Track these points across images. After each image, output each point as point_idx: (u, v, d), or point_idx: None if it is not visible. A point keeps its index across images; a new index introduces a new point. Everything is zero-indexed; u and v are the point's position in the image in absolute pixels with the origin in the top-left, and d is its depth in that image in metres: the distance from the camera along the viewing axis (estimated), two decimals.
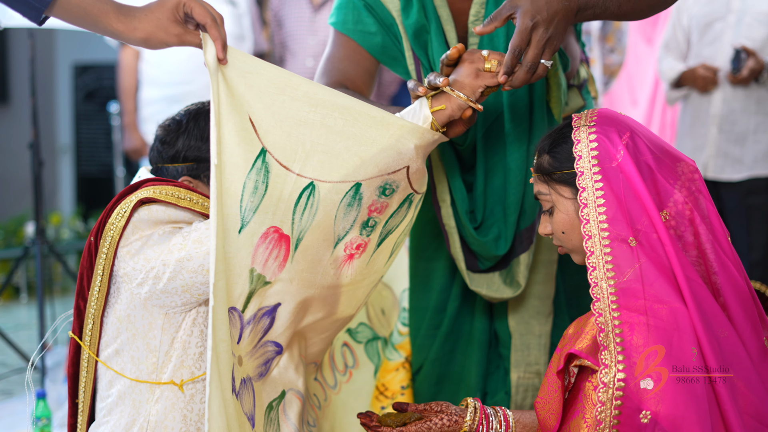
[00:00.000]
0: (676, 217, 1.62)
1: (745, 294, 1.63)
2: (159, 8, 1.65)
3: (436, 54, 2.12)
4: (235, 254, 1.66)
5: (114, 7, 1.64)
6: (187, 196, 1.79)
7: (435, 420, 1.79)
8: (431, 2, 2.14)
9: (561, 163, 1.70)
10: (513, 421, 1.80)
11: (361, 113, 1.71)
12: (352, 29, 2.19)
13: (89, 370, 1.82)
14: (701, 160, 4.18)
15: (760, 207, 4.12)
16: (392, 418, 1.81)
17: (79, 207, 7.97)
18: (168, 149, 1.92)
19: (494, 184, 2.17)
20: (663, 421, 1.48)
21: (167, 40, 1.66)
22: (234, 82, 1.63)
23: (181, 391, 1.77)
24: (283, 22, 4.97)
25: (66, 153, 8.17)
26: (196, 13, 1.64)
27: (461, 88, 1.77)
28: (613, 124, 1.67)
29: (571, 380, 1.65)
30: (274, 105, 1.66)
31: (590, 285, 1.58)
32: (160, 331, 1.77)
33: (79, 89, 8.21)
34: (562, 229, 1.71)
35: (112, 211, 1.78)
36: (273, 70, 1.67)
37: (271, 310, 1.77)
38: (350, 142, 1.71)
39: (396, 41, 2.19)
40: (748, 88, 4.07)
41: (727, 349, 1.54)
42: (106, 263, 1.77)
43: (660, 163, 1.64)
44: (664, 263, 1.56)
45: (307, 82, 1.69)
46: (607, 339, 1.54)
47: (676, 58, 4.36)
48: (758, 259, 4.11)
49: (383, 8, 2.17)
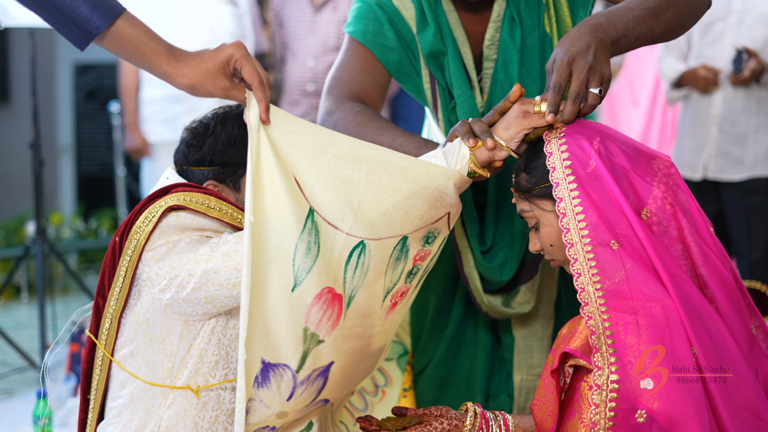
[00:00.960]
0: (657, 213, 1.64)
1: (731, 284, 1.64)
2: (210, 59, 1.65)
3: (453, 76, 2.11)
4: (288, 312, 1.65)
5: (166, 48, 1.65)
6: (217, 205, 1.79)
7: (435, 424, 1.79)
8: (447, 24, 2.13)
9: (538, 178, 1.71)
10: (513, 426, 1.80)
11: (405, 168, 1.71)
12: (372, 41, 2.16)
13: (103, 368, 1.82)
14: (702, 160, 4.19)
15: (761, 207, 4.13)
16: (392, 422, 1.81)
17: (79, 206, 7.97)
18: (194, 152, 1.92)
19: (505, 208, 2.17)
20: (660, 419, 1.49)
21: (213, 91, 1.66)
22: (277, 142, 1.65)
23: (197, 396, 1.76)
24: (284, 22, 4.97)
25: (67, 152, 8.17)
26: (245, 71, 1.65)
27: (507, 128, 1.74)
28: (582, 132, 1.68)
29: (566, 380, 1.65)
30: (318, 164, 1.66)
31: (577, 291, 1.59)
32: (178, 337, 1.76)
33: (79, 89, 8.21)
34: (550, 242, 1.72)
35: (140, 213, 1.77)
36: (315, 129, 1.68)
37: (324, 369, 1.76)
38: (396, 198, 1.70)
39: (413, 58, 2.17)
40: (748, 89, 4.08)
41: (719, 342, 1.56)
42: (130, 265, 1.76)
43: (635, 163, 1.66)
44: (648, 263, 1.57)
45: (350, 140, 1.69)
46: (599, 341, 1.55)
47: (677, 58, 4.36)
48: (759, 258, 4.11)
49: (404, 23, 2.16)
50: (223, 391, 1.80)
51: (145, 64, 1.65)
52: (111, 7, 1.61)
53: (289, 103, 5.00)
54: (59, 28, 1.61)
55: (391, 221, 1.71)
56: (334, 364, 1.78)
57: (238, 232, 1.75)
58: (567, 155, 1.66)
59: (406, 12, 2.15)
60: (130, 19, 1.63)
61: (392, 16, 2.15)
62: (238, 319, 1.78)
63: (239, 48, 1.66)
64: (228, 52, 1.65)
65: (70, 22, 1.59)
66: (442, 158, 1.75)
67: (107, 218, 7.53)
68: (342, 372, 1.81)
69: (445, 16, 2.13)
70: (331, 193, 1.66)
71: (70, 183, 8.23)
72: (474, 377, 2.31)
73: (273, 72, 5.23)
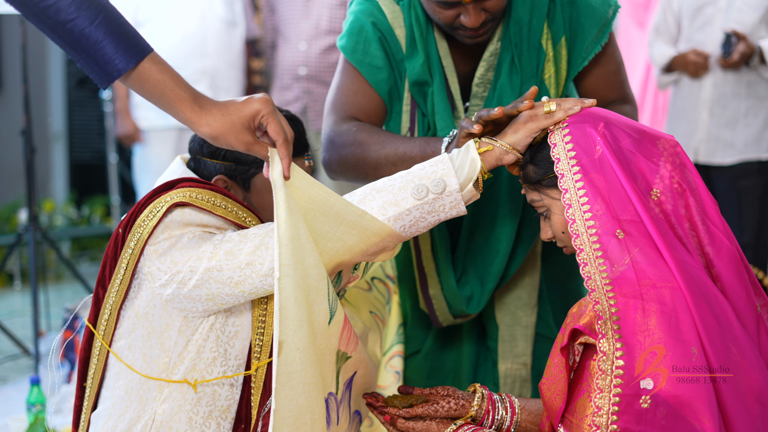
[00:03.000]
0: (666, 192, 1.63)
1: (737, 261, 1.64)
2: (236, 112, 1.62)
3: (438, 107, 2.10)
4: (326, 343, 1.72)
5: (191, 95, 1.62)
6: (223, 203, 1.78)
7: (442, 403, 1.81)
8: (436, 53, 2.12)
9: (545, 169, 1.72)
10: (518, 408, 1.82)
11: (372, 234, 1.74)
12: (360, 60, 2.15)
13: (100, 358, 1.81)
14: (692, 144, 4.20)
15: (751, 190, 4.15)
16: (399, 399, 1.83)
17: (72, 194, 7.95)
18: (210, 144, 1.89)
19: (476, 245, 2.17)
20: (669, 398, 1.49)
21: (234, 144, 1.64)
22: (295, 193, 1.68)
23: (194, 390, 1.76)
24: (276, 7, 4.96)
25: (59, 140, 8.14)
26: (270, 128, 1.64)
27: (516, 131, 1.75)
28: (585, 119, 1.69)
29: (576, 359, 1.66)
30: (306, 218, 1.71)
31: (584, 279, 1.59)
32: (177, 332, 1.76)
33: (71, 75, 8.17)
34: (561, 230, 1.72)
35: (145, 207, 1.76)
36: (317, 188, 1.71)
37: (349, 381, 1.86)
38: (353, 252, 1.77)
39: (399, 78, 2.16)
40: (738, 73, 4.09)
41: (725, 326, 1.55)
42: (131, 258, 1.75)
43: (640, 145, 1.66)
44: (654, 248, 1.57)
45: (341, 202, 1.72)
46: (605, 326, 1.54)
47: (667, 42, 4.37)
48: (749, 241, 4.13)
49: (396, 42, 2.14)
50: (220, 388, 1.79)
51: (169, 108, 1.63)
52: (136, 48, 1.57)
53: (281, 88, 4.98)
54: (81, 64, 1.57)
55: (339, 267, 1.80)
56: (356, 373, 1.88)
57: (241, 230, 1.75)
58: (571, 146, 1.66)
59: (399, 30, 2.13)
60: (157, 62, 1.60)
61: (385, 35, 2.13)
62: (237, 316, 1.79)
63: (267, 104, 1.64)
64: (255, 107, 1.63)
65: (93, 62, 1.56)
66: (449, 162, 1.75)
67: (100, 205, 7.52)
68: (362, 380, 1.92)
69: (435, 45, 2.11)
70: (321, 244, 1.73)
71: (62, 170, 8.21)
72: (461, 367, 2.32)
73: (263, 58, 5.22)
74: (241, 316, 1.79)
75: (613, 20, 2.12)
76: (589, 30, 2.07)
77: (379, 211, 1.73)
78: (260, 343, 1.79)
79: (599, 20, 2.08)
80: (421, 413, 1.80)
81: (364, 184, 1.80)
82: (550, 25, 2.08)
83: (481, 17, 1.95)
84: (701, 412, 1.49)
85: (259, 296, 1.75)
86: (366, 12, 2.16)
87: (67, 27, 1.53)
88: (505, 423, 1.82)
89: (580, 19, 2.08)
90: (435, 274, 2.18)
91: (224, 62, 4.95)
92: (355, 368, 1.87)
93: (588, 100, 1.73)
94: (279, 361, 1.61)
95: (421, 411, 1.80)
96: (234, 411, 1.81)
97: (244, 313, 1.79)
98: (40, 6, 1.53)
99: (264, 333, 1.79)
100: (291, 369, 1.63)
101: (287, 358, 1.62)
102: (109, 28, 1.55)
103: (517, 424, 1.82)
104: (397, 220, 1.73)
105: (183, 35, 4.81)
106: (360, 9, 2.18)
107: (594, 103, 1.73)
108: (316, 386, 1.68)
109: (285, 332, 1.62)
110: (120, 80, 1.58)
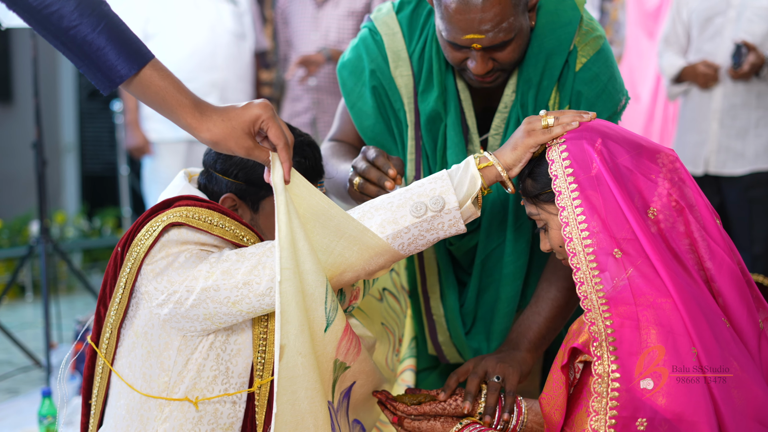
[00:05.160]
0: (663, 210, 1.62)
1: (738, 277, 1.63)
2: (237, 117, 1.63)
3: (450, 141, 2.07)
4: (322, 351, 1.71)
5: (192, 102, 1.63)
6: (221, 222, 1.77)
7: (449, 401, 1.84)
8: (453, 87, 2.09)
9: (543, 184, 1.71)
10: (525, 408, 1.83)
11: (371, 248, 1.74)
12: (353, 103, 2.18)
13: (103, 376, 1.82)
14: (703, 155, 4.19)
15: (762, 200, 4.13)
16: (408, 397, 1.87)
17: (83, 205, 7.98)
18: (223, 161, 1.89)
19: (488, 294, 2.18)
20: (666, 414, 1.48)
21: (234, 149, 1.65)
22: (295, 201, 1.69)
23: (196, 409, 1.76)
24: (289, 20, 4.99)
25: (70, 152, 8.17)
26: (271, 133, 1.65)
27: (514, 149, 1.74)
28: (583, 134, 1.67)
29: (576, 376, 1.65)
30: (306, 227, 1.70)
31: (580, 299, 1.58)
32: (176, 351, 1.75)
33: (82, 88, 8.20)
34: (559, 244, 1.72)
35: (142, 226, 1.77)
36: (317, 198, 1.71)
37: (347, 390, 1.86)
38: (355, 269, 1.76)
39: (396, 126, 2.15)
40: (748, 83, 4.08)
41: (724, 346, 1.54)
42: (129, 277, 1.75)
43: (638, 162, 1.65)
44: (651, 267, 1.56)
45: (341, 215, 1.72)
46: (601, 348, 1.53)
47: (676, 52, 4.36)
48: (760, 252, 4.12)
49: (395, 91, 2.13)
50: (221, 406, 1.78)
51: (170, 114, 1.63)
52: (138, 54, 1.58)
53: (292, 99, 5.01)
54: (84, 71, 1.58)
55: (339, 285, 1.80)
56: (355, 383, 1.88)
57: (238, 249, 1.75)
58: (569, 162, 1.65)
59: (400, 80, 2.12)
60: (159, 68, 1.61)
61: (384, 83, 2.13)
62: (239, 334, 1.78)
63: (267, 108, 1.65)
64: (255, 112, 1.64)
65: (95, 68, 1.57)
66: (448, 180, 1.74)
67: (111, 217, 7.55)
68: (362, 390, 1.92)
69: (454, 78, 2.09)
70: (314, 255, 1.71)
71: (73, 182, 8.24)
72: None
73: (275, 70, 5.23)
74: (242, 334, 1.78)
75: (624, 108, 2.09)
76: (599, 114, 2.00)
77: (378, 228, 1.72)
78: (262, 361, 1.78)
79: (611, 107, 2.05)
80: (428, 411, 1.84)
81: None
82: (560, 89, 2.05)
83: (488, 66, 1.93)
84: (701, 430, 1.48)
85: (257, 315, 1.74)
86: (369, 52, 2.15)
87: (70, 34, 1.55)
88: (511, 423, 1.83)
89: (593, 99, 2.03)
90: (443, 320, 2.19)
91: (234, 75, 4.96)
92: (354, 378, 1.86)
93: (587, 114, 1.71)
94: (280, 366, 1.61)
95: (429, 408, 1.84)
96: (238, 429, 1.80)
97: (245, 331, 1.79)
98: (44, 13, 1.54)
99: (266, 351, 1.78)
100: (293, 374, 1.63)
101: (289, 363, 1.62)
102: (112, 34, 1.56)
103: (523, 424, 1.83)
104: (396, 237, 1.73)
105: (193, 48, 4.83)
106: (364, 45, 2.17)
107: (593, 116, 1.71)
108: (319, 392, 1.68)
109: (286, 336, 1.62)
110: (122, 86, 1.59)
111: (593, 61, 2.02)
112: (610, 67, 2.04)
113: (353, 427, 1.92)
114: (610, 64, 2.04)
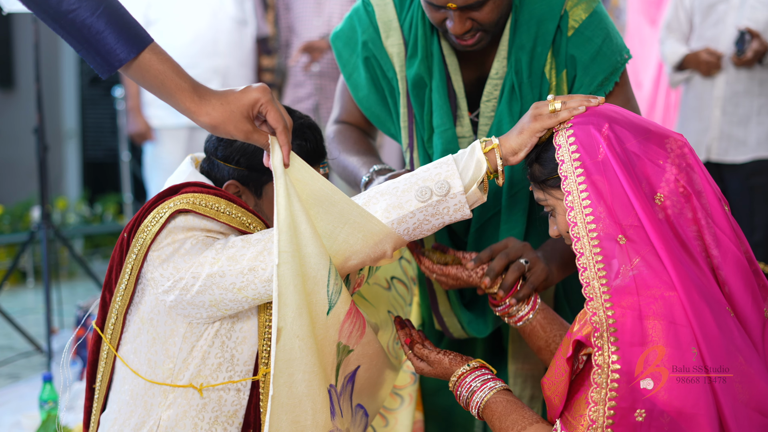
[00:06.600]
0: (670, 196, 1.60)
1: (744, 266, 1.61)
2: (235, 101, 1.63)
3: (435, 106, 2.08)
4: (324, 334, 1.71)
5: (191, 85, 1.62)
6: (227, 209, 1.77)
7: (477, 270, 1.93)
8: (438, 52, 2.09)
9: (550, 169, 1.70)
10: (539, 304, 1.91)
11: (374, 234, 1.73)
12: (349, 74, 2.21)
13: (108, 361, 1.82)
14: (705, 142, 4.18)
15: (763, 188, 4.13)
16: (437, 254, 1.96)
17: (85, 191, 7.98)
18: (224, 147, 1.88)
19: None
20: (667, 409, 1.47)
21: (233, 133, 1.64)
22: (297, 186, 1.68)
23: (200, 395, 1.76)
24: (291, 5, 4.99)
25: (72, 138, 8.17)
26: (270, 116, 1.64)
27: (520, 132, 1.73)
28: (590, 119, 1.66)
29: (579, 366, 1.64)
30: (310, 213, 1.70)
31: (582, 285, 1.57)
32: (181, 338, 1.75)
33: (84, 74, 8.19)
34: (566, 229, 1.70)
35: (149, 212, 1.76)
36: (320, 183, 1.70)
37: (351, 375, 1.86)
38: (359, 254, 1.76)
39: (390, 96, 2.17)
40: (751, 70, 4.07)
41: (728, 337, 1.53)
42: (135, 263, 1.75)
43: (646, 147, 1.63)
44: (656, 257, 1.55)
45: (345, 200, 1.72)
46: (601, 339, 1.52)
47: (678, 39, 4.35)
48: (761, 239, 4.12)
49: (387, 61, 2.14)
50: (225, 393, 1.79)
51: (169, 98, 1.63)
52: (137, 38, 1.58)
53: (294, 85, 5.00)
54: (83, 54, 1.58)
55: (344, 271, 1.79)
56: (360, 368, 1.87)
57: (245, 235, 1.75)
58: (575, 147, 1.63)
59: (392, 49, 2.13)
60: (158, 52, 1.60)
61: (376, 54, 2.15)
62: (244, 322, 1.78)
63: (265, 92, 1.64)
64: (254, 96, 1.63)
65: (94, 52, 1.56)
66: (453, 164, 1.73)
67: (112, 203, 7.55)
68: (367, 374, 1.92)
69: (439, 43, 2.09)
70: (317, 239, 1.71)
71: (75, 168, 8.24)
72: None
73: (276, 56, 5.23)
74: (248, 321, 1.78)
75: (623, 67, 2.07)
76: (595, 76, 2.02)
77: (382, 214, 1.72)
78: (267, 349, 1.77)
79: (607, 68, 2.05)
80: (452, 274, 1.93)
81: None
82: (555, 55, 2.04)
83: (466, 26, 1.93)
84: (700, 424, 1.48)
85: (263, 302, 1.74)
86: (362, 23, 2.17)
87: (69, 17, 1.54)
88: (520, 312, 1.91)
89: (587, 62, 2.03)
90: (444, 293, 2.18)
91: (235, 61, 4.96)
92: (358, 362, 1.86)
93: (594, 99, 1.70)
94: (277, 348, 1.61)
95: (455, 272, 1.93)
96: (241, 416, 1.80)
97: (251, 319, 1.78)
98: None
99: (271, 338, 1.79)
100: (290, 356, 1.63)
101: (285, 346, 1.62)
102: (111, 18, 1.56)
103: (528, 320, 1.91)
104: (401, 222, 1.73)
105: (194, 34, 4.82)
106: (357, 16, 2.20)
107: (601, 101, 1.70)
108: (318, 375, 1.68)
109: (284, 319, 1.62)
110: (121, 70, 1.59)
111: (585, 25, 2.02)
112: (604, 29, 2.04)
113: (356, 412, 1.92)
114: (604, 26, 2.04)
